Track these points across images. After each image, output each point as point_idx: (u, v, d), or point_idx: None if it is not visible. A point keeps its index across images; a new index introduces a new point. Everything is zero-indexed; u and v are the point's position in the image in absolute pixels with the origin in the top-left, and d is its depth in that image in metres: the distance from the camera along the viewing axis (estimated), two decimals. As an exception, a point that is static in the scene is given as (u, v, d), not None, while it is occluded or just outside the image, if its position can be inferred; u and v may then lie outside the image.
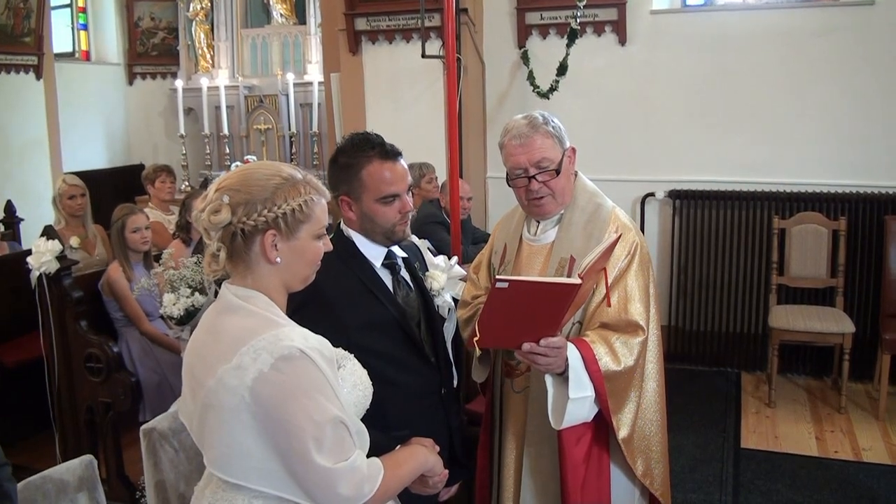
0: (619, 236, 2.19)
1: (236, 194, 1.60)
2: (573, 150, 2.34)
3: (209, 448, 1.59)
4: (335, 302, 2.03)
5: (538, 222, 2.40)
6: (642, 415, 2.27)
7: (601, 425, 2.24)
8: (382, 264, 2.20)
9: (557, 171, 2.26)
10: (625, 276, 2.24)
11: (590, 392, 2.11)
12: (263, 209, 1.59)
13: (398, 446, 1.82)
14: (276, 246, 1.61)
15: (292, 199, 1.61)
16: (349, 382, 1.69)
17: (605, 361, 2.13)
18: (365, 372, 1.75)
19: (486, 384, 2.62)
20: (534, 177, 2.26)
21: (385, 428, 1.91)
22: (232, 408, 1.52)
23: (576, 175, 2.40)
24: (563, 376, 2.11)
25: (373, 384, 1.76)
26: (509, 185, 2.35)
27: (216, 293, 3.77)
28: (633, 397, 2.23)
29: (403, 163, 2.18)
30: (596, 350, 2.13)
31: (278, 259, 1.62)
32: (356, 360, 1.75)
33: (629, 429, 2.22)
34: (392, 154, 2.15)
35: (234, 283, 1.66)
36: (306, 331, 1.59)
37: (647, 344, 2.23)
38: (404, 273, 2.27)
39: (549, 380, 2.13)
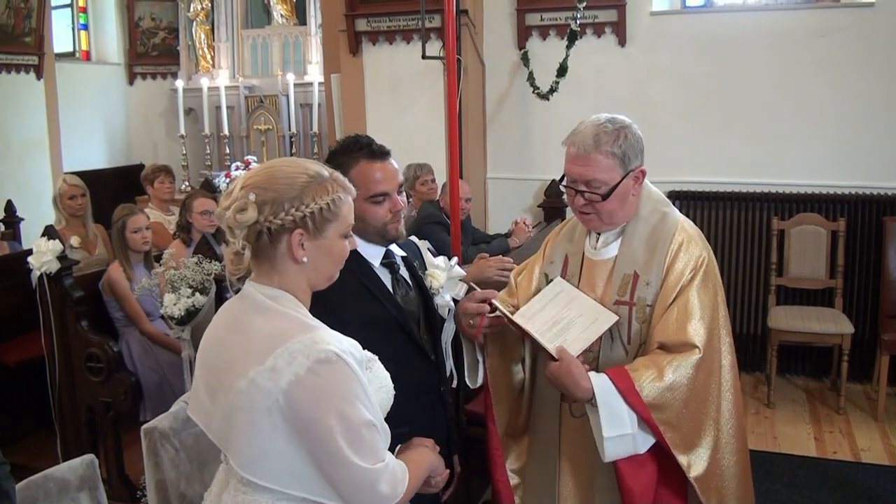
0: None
1: (263, 192, 1.56)
2: (642, 172, 2.17)
3: (237, 451, 1.56)
4: (334, 301, 2.03)
5: (598, 235, 2.24)
6: (721, 448, 2.06)
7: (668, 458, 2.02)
8: (381, 263, 2.21)
9: (604, 197, 2.09)
10: (686, 292, 2.06)
11: (629, 429, 1.96)
12: (291, 208, 1.56)
13: (399, 445, 1.83)
14: (302, 245, 1.59)
15: (320, 198, 1.59)
16: (374, 385, 1.67)
17: (650, 389, 1.95)
18: (388, 374, 1.74)
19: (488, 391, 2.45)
20: (582, 192, 2.12)
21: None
22: (264, 410, 1.50)
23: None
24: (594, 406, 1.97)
25: None
26: (560, 187, 2.23)
27: (217, 293, 3.79)
28: (709, 430, 2.03)
29: (394, 162, 2.20)
30: (636, 378, 1.96)
31: (305, 259, 1.59)
32: (380, 363, 1.74)
33: (705, 465, 2.01)
34: (380, 154, 2.16)
35: (258, 281, 1.63)
36: (338, 334, 1.58)
37: (703, 364, 2.01)
38: (403, 272, 2.28)
39: (588, 410, 2.00)
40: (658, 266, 2.10)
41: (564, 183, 2.18)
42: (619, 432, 1.96)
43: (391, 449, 1.65)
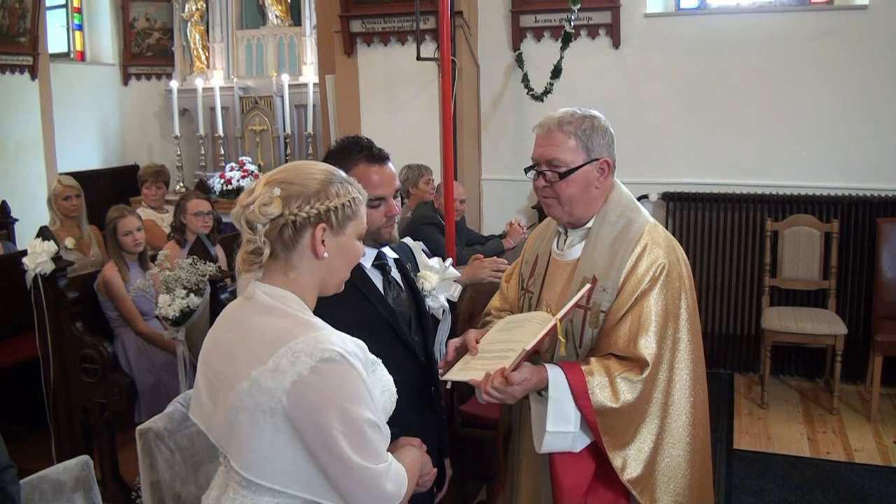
0: (592, 287, 2.03)
1: (288, 187, 1.58)
2: (607, 163, 2.14)
3: (238, 452, 1.54)
4: (324, 302, 2.04)
5: (567, 236, 2.23)
6: (666, 452, 2.04)
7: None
8: (373, 265, 2.21)
9: (562, 175, 2.09)
10: (641, 302, 2.02)
11: (573, 428, 1.96)
12: (316, 202, 1.58)
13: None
14: (323, 241, 1.59)
15: (343, 195, 1.61)
16: (378, 388, 1.66)
17: (600, 397, 1.94)
18: (391, 378, 1.73)
19: None
20: (543, 173, 2.14)
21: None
22: (266, 410, 1.49)
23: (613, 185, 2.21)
24: (542, 397, 1.98)
25: None
26: (525, 173, 2.25)
27: (211, 294, 3.79)
28: (647, 434, 2.01)
29: (392, 167, 2.20)
30: (590, 382, 1.95)
31: (326, 254, 1.60)
32: (384, 366, 1.73)
33: (642, 468, 2.00)
34: (379, 157, 2.17)
35: (268, 282, 1.62)
36: (343, 334, 1.57)
37: (654, 381, 2.00)
38: (395, 273, 2.28)
39: (535, 400, 2.00)
40: (617, 273, 2.06)
41: (531, 168, 2.21)
42: (563, 429, 1.96)
43: None
